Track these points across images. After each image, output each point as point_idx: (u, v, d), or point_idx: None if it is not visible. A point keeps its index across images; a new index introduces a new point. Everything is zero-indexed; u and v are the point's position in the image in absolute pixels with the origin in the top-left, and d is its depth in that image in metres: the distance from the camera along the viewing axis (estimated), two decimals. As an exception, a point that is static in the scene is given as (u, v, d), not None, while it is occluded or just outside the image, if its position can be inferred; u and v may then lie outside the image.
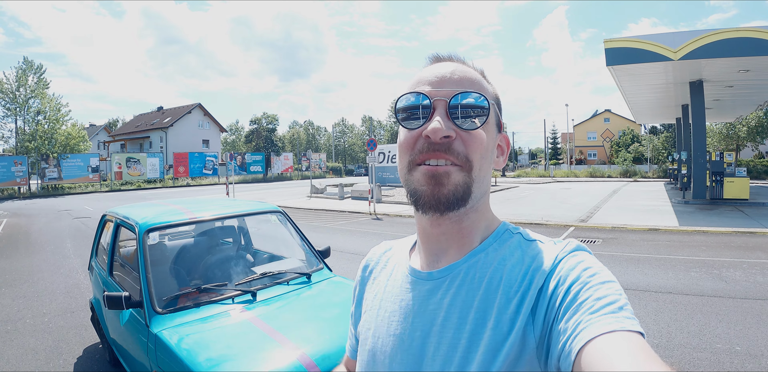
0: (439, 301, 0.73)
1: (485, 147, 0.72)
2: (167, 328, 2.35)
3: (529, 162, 72.58)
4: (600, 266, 0.66)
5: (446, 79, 0.72)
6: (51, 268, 7.88)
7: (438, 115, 0.69)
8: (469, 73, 0.75)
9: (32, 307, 5.71)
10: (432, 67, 0.76)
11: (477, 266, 0.73)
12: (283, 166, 47.72)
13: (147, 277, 2.61)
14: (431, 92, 0.71)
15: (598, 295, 0.59)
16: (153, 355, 2.31)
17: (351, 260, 7.83)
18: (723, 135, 36.01)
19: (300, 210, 16.85)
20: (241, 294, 2.70)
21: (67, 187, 31.63)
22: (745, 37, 12.12)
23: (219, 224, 3.67)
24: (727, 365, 3.70)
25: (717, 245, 8.51)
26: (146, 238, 2.82)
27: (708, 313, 4.89)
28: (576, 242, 0.72)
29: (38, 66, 31.36)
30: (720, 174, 15.61)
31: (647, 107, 23.56)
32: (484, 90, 0.74)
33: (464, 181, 0.70)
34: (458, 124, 0.70)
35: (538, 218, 12.58)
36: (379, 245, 0.99)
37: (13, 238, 11.50)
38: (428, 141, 0.69)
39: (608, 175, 37.49)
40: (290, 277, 3.02)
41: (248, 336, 2.28)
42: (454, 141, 0.69)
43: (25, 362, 4.11)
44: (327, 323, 2.46)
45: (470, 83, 0.73)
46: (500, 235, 0.77)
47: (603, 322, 0.54)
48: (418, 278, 0.78)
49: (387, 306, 0.81)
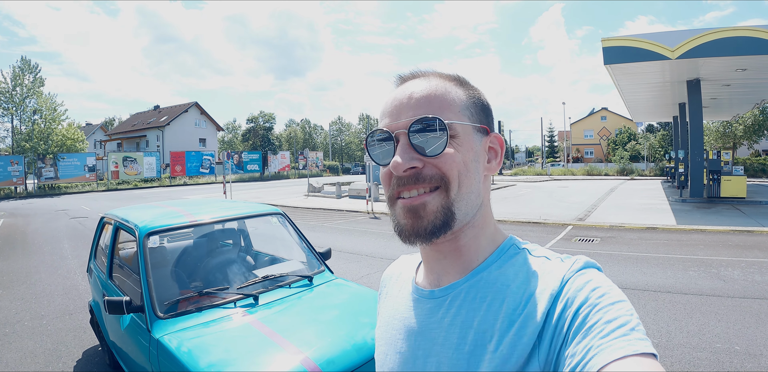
0: (440, 320, 0.72)
1: (461, 162, 0.70)
2: (169, 333, 2.34)
3: (526, 160, 72.74)
4: (609, 284, 0.63)
5: (404, 105, 0.71)
6: (49, 269, 7.84)
7: (399, 148, 0.69)
8: (431, 88, 0.72)
9: (30, 310, 5.68)
10: (393, 94, 0.75)
11: (479, 286, 0.71)
12: (281, 164, 47.64)
13: (148, 281, 2.60)
14: (390, 126, 0.70)
15: (609, 317, 0.57)
16: (155, 360, 2.30)
17: (349, 260, 7.83)
18: (720, 133, 36.25)
19: (297, 209, 16.82)
20: (243, 297, 2.69)
21: (64, 187, 31.52)
22: (742, 36, 12.15)
23: (219, 227, 3.65)
24: (726, 365, 3.70)
25: (715, 244, 8.53)
26: (146, 242, 2.81)
27: (707, 312, 4.90)
28: (585, 259, 0.69)
29: (34, 65, 31.24)
30: (717, 172, 15.65)
31: (644, 106, 23.62)
32: (446, 104, 0.71)
33: (442, 205, 0.68)
34: (424, 151, 0.68)
35: (536, 217, 12.57)
36: (397, 260, 0.99)
37: (10, 238, 11.45)
38: (395, 176, 0.70)
39: (605, 174, 37.58)
40: (292, 280, 3.01)
41: (251, 340, 2.27)
42: (424, 168, 0.68)
43: (24, 365, 4.08)
44: (329, 326, 2.45)
45: (428, 102, 0.70)
46: (505, 251, 0.75)
47: (615, 346, 0.53)
48: (421, 296, 0.78)
49: (394, 323, 0.80)
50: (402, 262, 0.95)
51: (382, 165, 0.72)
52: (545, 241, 9.35)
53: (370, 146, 0.74)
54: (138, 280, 2.73)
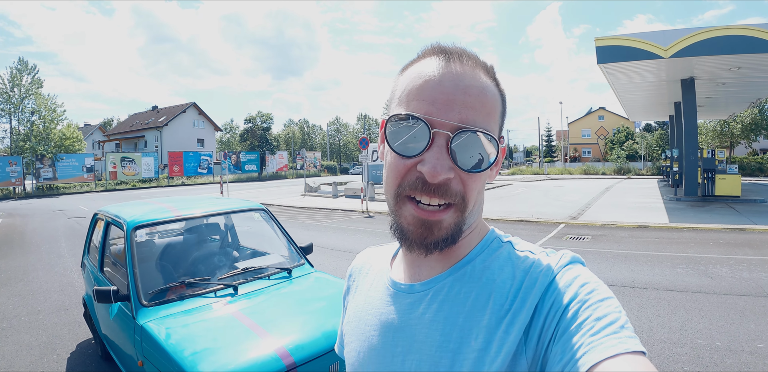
0: (420, 315, 0.68)
1: (483, 180, 0.66)
2: (152, 320, 2.47)
3: (524, 160, 72.85)
4: (597, 281, 0.62)
5: (456, 99, 0.61)
6: (45, 267, 7.94)
7: (437, 150, 0.61)
8: (481, 86, 0.64)
9: (27, 305, 5.79)
10: (436, 73, 0.63)
11: (463, 280, 0.68)
12: (278, 164, 47.71)
13: (134, 272, 2.72)
14: (432, 122, 0.60)
15: (598, 314, 0.56)
16: (139, 346, 2.42)
17: (341, 258, 7.91)
18: (717, 132, 36.27)
19: (293, 208, 16.91)
20: (223, 288, 2.82)
21: (62, 187, 31.57)
22: (735, 35, 12.21)
23: (205, 221, 3.79)
24: (706, 360, 3.73)
25: (705, 242, 8.59)
26: (134, 235, 2.94)
27: (691, 308, 4.93)
28: (570, 254, 0.68)
29: (32, 66, 31.30)
30: (712, 171, 15.69)
31: (640, 105, 23.69)
32: (493, 111, 0.65)
33: (456, 222, 0.64)
34: (458, 162, 0.61)
35: (529, 215, 12.64)
36: (363, 252, 0.95)
37: (8, 237, 11.54)
38: (422, 179, 0.61)
39: (602, 173, 37.65)
40: (271, 272, 3.15)
41: (228, 327, 2.40)
42: (452, 182, 0.62)
43: (20, 357, 4.19)
44: (304, 316, 2.57)
45: (481, 105, 0.62)
46: (488, 244, 0.72)
47: (605, 344, 0.52)
48: (399, 291, 0.74)
49: (367, 319, 0.77)
50: (369, 255, 0.92)
51: (402, 155, 0.63)
52: (537, 239, 9.43)
53: (391, 129, 0.64)
54: (126, 272, 2.84)
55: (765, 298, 5.17)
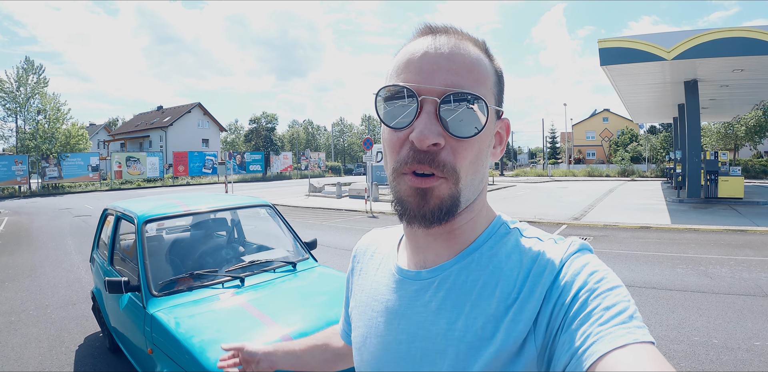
0: (426, 303, 0.68)
1: (477, 151, 0.64)
2: (162, 309, 2.57)
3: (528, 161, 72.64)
4: (606, 269, 0.61)
5: (440, 65, 0.61)
6: (52, 264, 8.06)
7: (425, 117, 0.60)
8: (468, 54, 0.63)
9: (35, 300, 5.89)
10: (421, 45, 0.64)
11: (470, 268, 0.67)
12: (283, 165, 47.90)
13: (144, 263, 2.82)
14: (419, 89, 0.61)
15: (607, 303, 0.55)
16: (149, 335, 2.52)
17: (343, 256, 8.00)
18: (721, 134, 36.19)
19: (297, 208, 17.01)
20: (230, 279, 2.92)
21: (68, 186, 31.80)
22: (739, 36, 12.21)
23: (212, 216, 3.89)
24: (702, 357, 3.77)
25: (706, 243, 8.60)
26: (144, 228, 3.05)
27: (689, 307, 4.96)
28: (579, 241, 0.67)
29: (38, 66, 31.52)
30: (714, 173, 15.68)
31: (644, 107, 23.65)
32: (483, 77, 0.64)
33: (450, 193, 0.63)
34: (449, 129, 0.61)
35: (532, 216, 12.70)
36: (369, 233, 0.94)
37: (15, 235, 11.68)
38: (413, 148, 0.61)
39: (606, 175, 37.64)
40: (277, 266, 3.25)
41: (235, 316, 2.50)
42: (442, 150, 0.61)
43: (29, 350, 4.29)
44: (308, 308, 2.65)
45: (467, 71, 0.62)
46: (495, 231, 0.71)
47: (614, 334, 0.51)
48: (405, 277, 0.73)
49: (374, 305, 0.76)
50: (375, 236, 0.91)
51: (392, 127, 0.63)
52: (539, 239, 9.43)
53: (381, 102, 0.64)
54: (136, 266, 2.94)
55: (764, 298, 5.20)
